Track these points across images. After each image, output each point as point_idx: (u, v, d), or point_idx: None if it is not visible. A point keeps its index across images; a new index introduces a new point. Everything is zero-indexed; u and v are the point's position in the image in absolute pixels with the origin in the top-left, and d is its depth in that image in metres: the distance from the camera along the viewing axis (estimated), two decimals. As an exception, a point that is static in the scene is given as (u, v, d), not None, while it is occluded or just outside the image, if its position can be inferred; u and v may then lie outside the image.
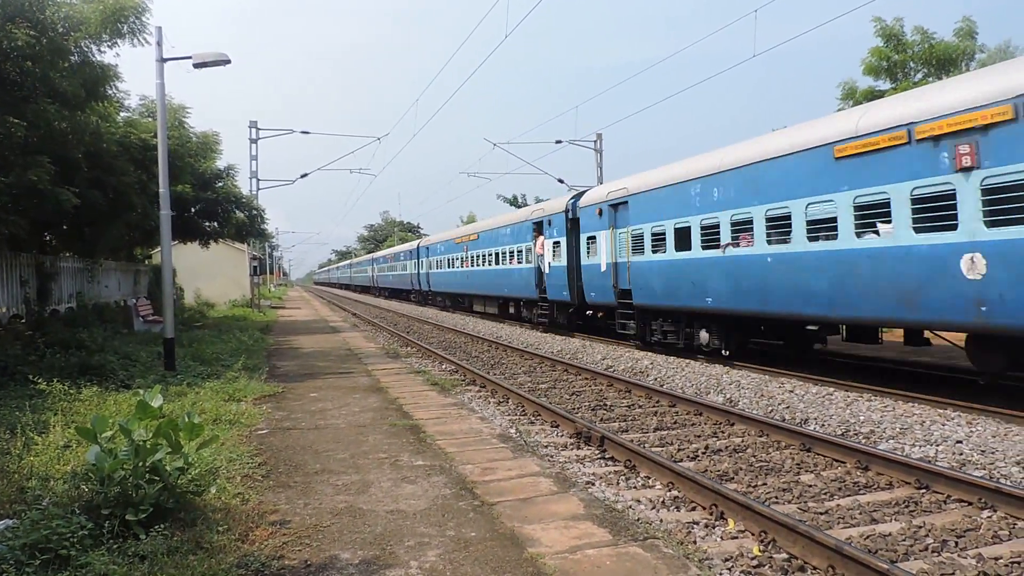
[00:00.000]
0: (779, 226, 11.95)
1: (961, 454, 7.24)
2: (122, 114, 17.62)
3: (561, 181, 34.64)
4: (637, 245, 16.35)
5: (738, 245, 12.88)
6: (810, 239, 11.18)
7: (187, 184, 20.57)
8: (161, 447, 5.08)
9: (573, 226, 20.20)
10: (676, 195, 14.85)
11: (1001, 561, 4.78)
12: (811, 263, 11.16)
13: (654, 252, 15.67)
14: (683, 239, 14.54)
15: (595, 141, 33.75)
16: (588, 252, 19.00)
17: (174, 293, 15.82)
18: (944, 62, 20.63)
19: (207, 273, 36.07)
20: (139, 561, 4.20)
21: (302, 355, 16.76)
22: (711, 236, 13.63)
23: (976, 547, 5.05)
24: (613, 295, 17.45)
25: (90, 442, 5.11)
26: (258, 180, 34.21)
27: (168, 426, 5.22)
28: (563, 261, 20.67)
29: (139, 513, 4.63)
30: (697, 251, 14.07)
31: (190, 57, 13.14)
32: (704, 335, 14.51)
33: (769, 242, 12.14)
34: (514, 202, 61.16)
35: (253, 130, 33.87)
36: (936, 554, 4.96)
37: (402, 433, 8.13)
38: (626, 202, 16.89)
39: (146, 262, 28.24)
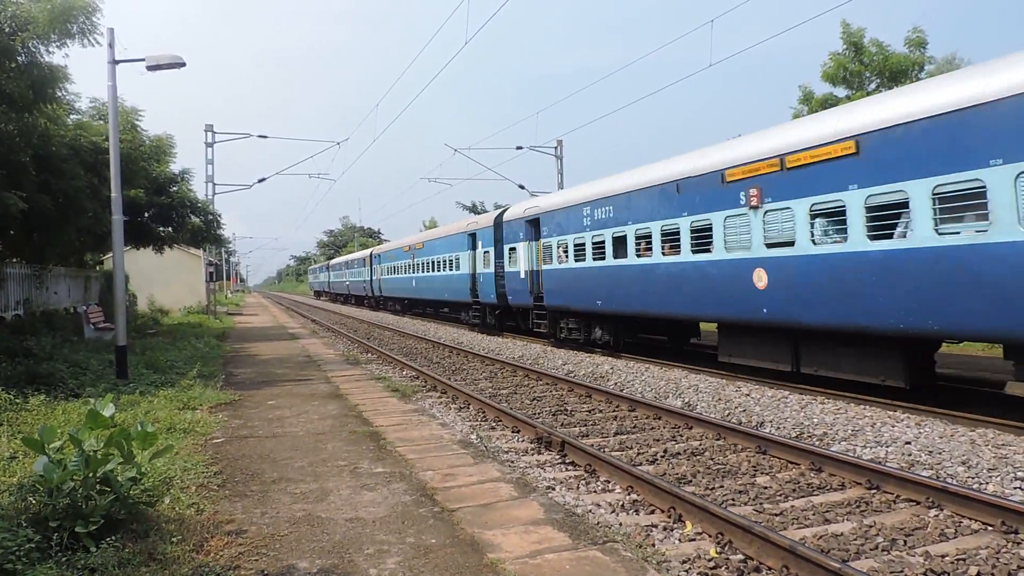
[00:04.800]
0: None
1: (910, 455, 7.46)
2: (72, 117, 17.13)
3: (522, 187, 34.80)
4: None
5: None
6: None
7: (140, 188, 20.09)
8: (113, 457, 4.96)
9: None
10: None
11: (947, 559, 4.95)
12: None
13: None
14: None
15: (556, 147, 33.99)
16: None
17: (127, 300, 15.43)
18: (897, 73, 21.32)
19: (161, 279, 35.24)
20: (89, 574, 4.10)
21: (260, 362, 16.49)
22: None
23: (924, 545, 5.21)
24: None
25: (37, 453, 4.95)
26: (214, 184, 33.63)
27: (120, 435, 5.09)
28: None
29: (89, 525, 4.51)
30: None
31: (143, 59, 12.88)
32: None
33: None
34: (474, 209, 61.29)
35: (209, 134, 33.30)
36: (886, 553, 5.10)
37: (362, 440, 8.06)
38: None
39: (97, 268, 27.45)
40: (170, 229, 25.29)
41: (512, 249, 21.52)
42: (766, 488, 6.66)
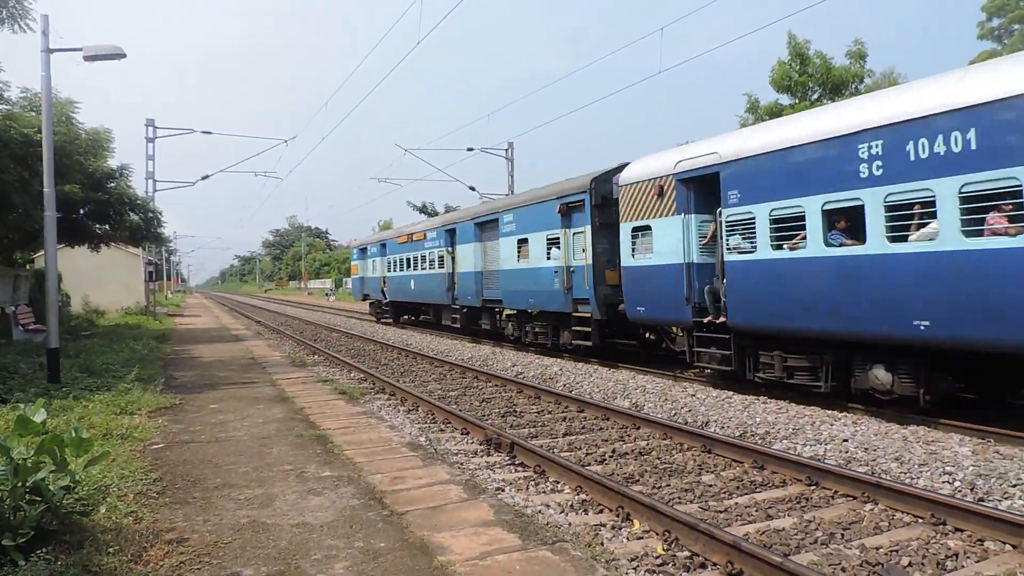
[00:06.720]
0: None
1: (847, 452, 7.71)
2: (1, 107, 16.38)
3: (473, 188, 34.82)
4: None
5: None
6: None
7: (75, 184, 19.29)
8: (44, 465, 4.75)
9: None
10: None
11: (882, 550, 5.14)
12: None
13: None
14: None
15: (506, 149, 34.06)
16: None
17: (59, 300, 14.82)
18: (838, 85, 22.13)
19: (97, 279, 33.92)
20: (18, 588, 3.91)
21: (201, 365, 16.05)
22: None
23: (860, 538, 5.41)
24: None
25: (-38, 461, 4.71)
26: (155, 181, 32.62)
27: (52, 442, 4.88)
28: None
29: (18, 537, 4.29)
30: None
31: (80, 49, 12.38)
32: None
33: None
34: (423, 210, 61.06)
35: (150, 128, 32.29)
36: (825, 546, 5.27)
37: (308, 444, 7.92)
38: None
39: (28, 267, 26.29)
40: (107, 227, 24.36)
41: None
42: (711, 486, 6.80)
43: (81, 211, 22.28)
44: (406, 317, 30.91)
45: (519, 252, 18.02)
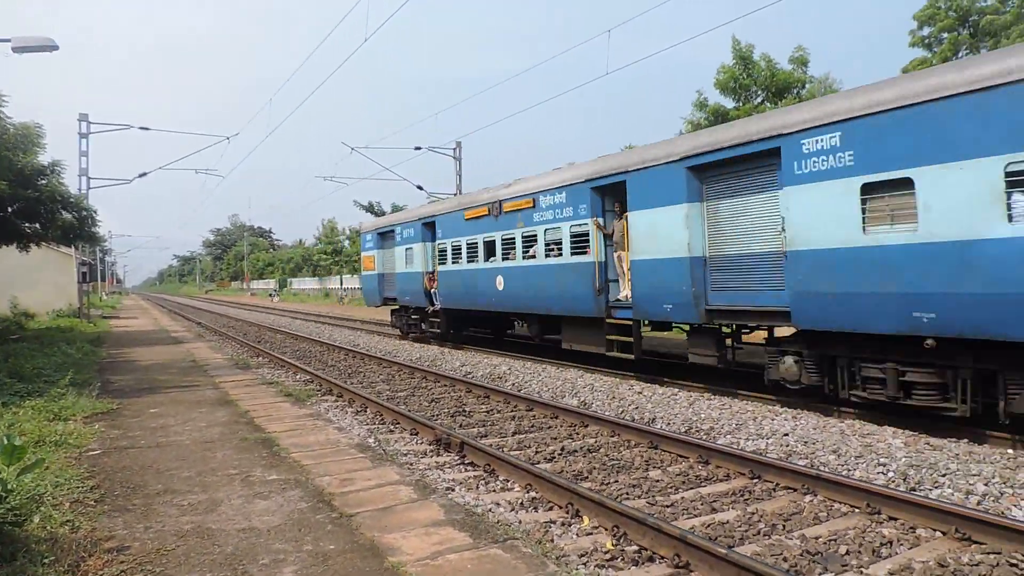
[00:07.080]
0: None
1: (788, 446, 7.96)
2: (-79, 100, 15.54)
3: (420, 188, 34.58)
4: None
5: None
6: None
7: (2, 180, 18.45)
8: (-27, 474, 4.54)
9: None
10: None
11: (821, 539, 5.33)
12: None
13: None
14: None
15: (454, 149, 33.97)
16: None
17: (-14, 302, 14.15)
18: (782, 89, 22.77)
19: (27, 280, 32.43)
20: (-55, 603, 3.73)
21: (140, 368, 15.54)
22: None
23: (800, 529, 5.59)
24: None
25: None
26: (89, 179, 31.42)
27: (-19, 450, 4.67)
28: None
29: (-55, 549, 4.11)
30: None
31: (8, 40, 11.85)
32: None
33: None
34: (370, 208, 60.44)
35: (83, 123, 31.09)
36: (767, 537, 5.44)
37: (254, 447, 7.76)
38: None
39: (-50, 267, 25.02)
40: (37, 226, 23.29)
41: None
42: (658, 481, 6.93)
43: (9, 209, 21.28)
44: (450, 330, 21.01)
45: (866, 212, 8.37)
